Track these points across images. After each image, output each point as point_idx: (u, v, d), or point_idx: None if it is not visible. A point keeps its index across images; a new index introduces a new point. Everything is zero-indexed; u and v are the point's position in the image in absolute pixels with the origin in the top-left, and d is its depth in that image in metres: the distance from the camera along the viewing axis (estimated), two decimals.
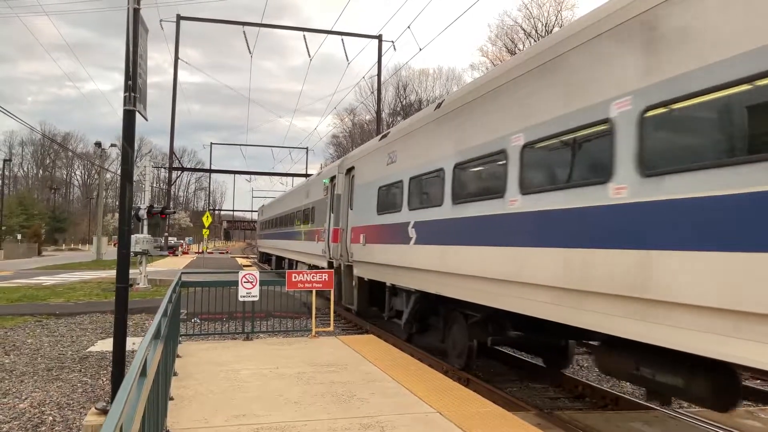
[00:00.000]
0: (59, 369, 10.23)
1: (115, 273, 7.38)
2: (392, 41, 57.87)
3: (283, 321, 14.08)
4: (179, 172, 62.31)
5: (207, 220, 51.47)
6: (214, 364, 8.15)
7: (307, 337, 10.77)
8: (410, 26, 27.13)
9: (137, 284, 21.89)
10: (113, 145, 51.45)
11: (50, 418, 7.78)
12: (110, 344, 8.12)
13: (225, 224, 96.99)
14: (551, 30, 49.03)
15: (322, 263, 16.72)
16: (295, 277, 10.64)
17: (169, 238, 54.05)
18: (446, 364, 9.60)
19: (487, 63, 55.48)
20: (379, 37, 39.71)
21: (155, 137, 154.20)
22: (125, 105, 7.23)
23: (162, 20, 38.34)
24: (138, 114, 7.38)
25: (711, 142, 4.55)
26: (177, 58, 40.58)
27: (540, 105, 6.56)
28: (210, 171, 72.53)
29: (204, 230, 54.77)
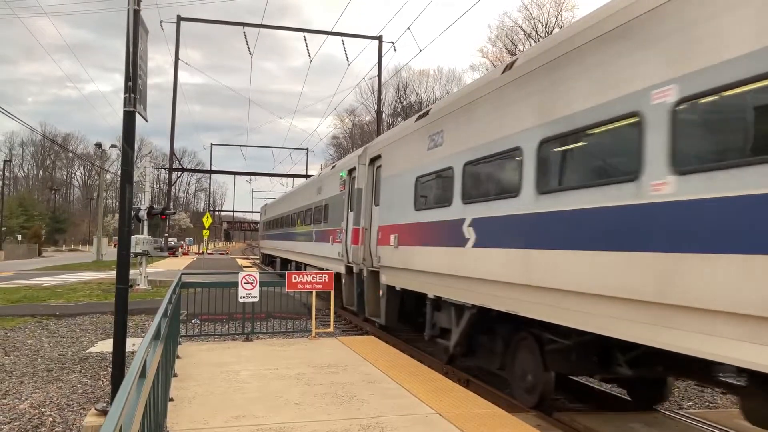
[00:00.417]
0: (59, 370, 10.24)
1: (115, 274, 7.37)
2: (392, 42, 57.90)
3: (283, 322, 14.09)
4: (179, 173, 62.36)
5: (207, 221, 51.49)
6: (214, 365, 8.16)
7: (307, 338, 10.78)
8: (410, 27, 27.11)
9: (137, 285, 21.89)
10: (113, 146, 51.48)
11: (50, 419, 7.78)
12: (110, 345, 8.13)
13: (225, 225, 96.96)
14: (551, 31, 49.05)
15: (339, 268, 14.79)
16: (295, 278, 10.66)
17: (169, 239, 54.08)
18: (446, 366, 9.56)
19: (487, 64, 55.53)
20: (380, 38, 39.75)
21: (155, 138, 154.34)
22: (125, 106, 7.24)
23: (162, 21, 38.41)
24: (138, 115, 7.39)
25: None
26: (177, 59, 40.64)
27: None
28: (210, 172, 72.55)
29: (204, 231, 54.81)
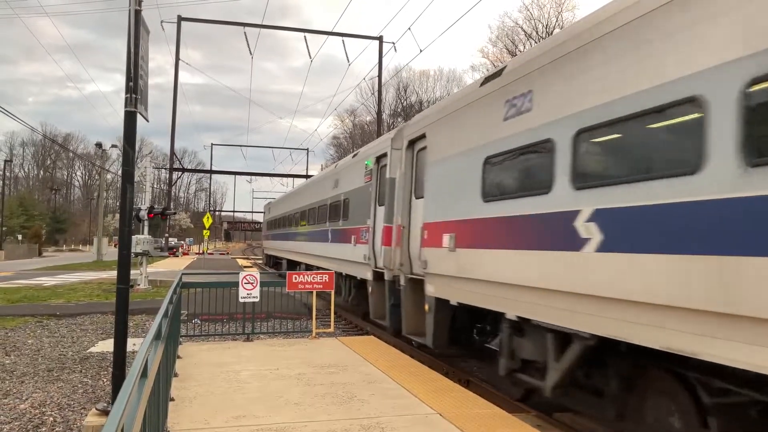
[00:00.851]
0: (60, 370, 10.24)
1: (116, 274, 7.37)
2: (393, 42, 57.94)
3: (284, 322, 14.09)
4: (180, 173, 62.35)
5: (207, 221, 51.49)
6: (215, 365, 8.17)
7: (308, 338, 10.78)
8: (411, 27, 27.09)
9: (138, 285, 21.90)
10: (114, 146, 51.55)
11: (51, 419, 7.79)
12: (111, 345, 8.13)
13: (225, 225, 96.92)
14: (552, 31, 49.05)
15: (364, 273, 12.83)
16: (296, 278, 10.68)
17: (170, 239, 54.12)
18: (447, 366, 9.54)
19: (488, 64, 55.53)
20: (380, 39, 39.75)
21: (156, 138, 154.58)
22: (126, 106, 7.23)
23: (163, 21, 38.37)
24: (139, 115, 7.39)
25: None
26: (178, 59, 40.65)
27: None
28: (210, 172, 72.55)
29: (204, 231, 54.85)
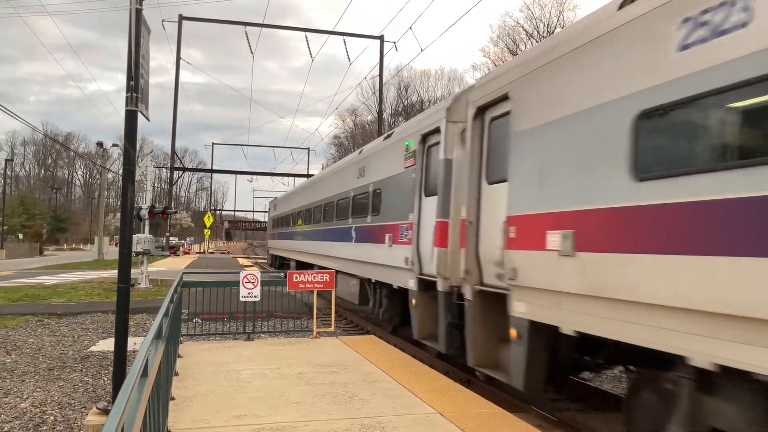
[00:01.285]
0: (60, 369, 10.25)
1: (117, 273, 7.37)
2: (394, 42, 57.76)
3: (284, 321, 14.10)
4: (181, 172, 62.35)
5: (208, 220, 51.54)
6: (215, 365, 8.17)
7: (308, 338, 10.78)
8: (412, 27, 27.09)
9: (139, 284, 21.91)
10: (115, 145, 51.61)
11: (51, 418, 7.79)
12: (111, 344, 8.13)
13: (226, 224, 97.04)
14: (553, 31, 49.01)
15: (403, 281, 10.25)
16: (296, 278, 10.69)
17: (171, 238, 54.12)
18: (447, 365, 9.54)
19: (489, 64, 55.49)
20: (381, 38, 39.73)
21: (157, 137, 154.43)
22: (127, 105, 7.23)
23: (164, 20, 38.34)
24: (140, 114, 7.38)
25: None
26: (179, 59, 40.65)
27: None
28: (211, 171, 72.66)
29: (205, 230, 54.92)
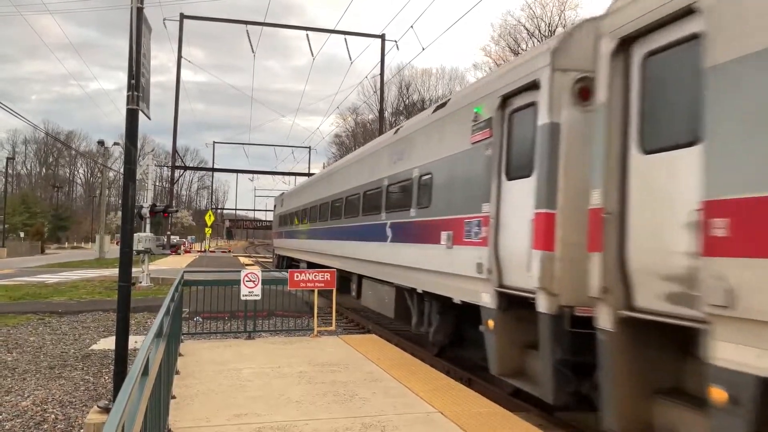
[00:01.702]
0: (62, 367, 10.25)
1: (118, 271, 7.38)
2: (395, 41, 57.85)
3: (285, 320, 14.09)
4: (182, 171, 62.37)
5: (209, 219, 51.56)
6: (216, 363, 8.18)
7: (309, 337, 10.78)
8: (413, 26, 27.10)
9: (140, 283, 21.93)
10: (116, 144, 51.67)
11: (52, 416, 7.79)
12: (112, 342, 8.13)
13: (227, 223, 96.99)
14: (554, 30, 48.92)
15: (472, 294, 7.87)
16: (297, 276, 10.70)
17: (172, 237, 54.15)
18: (448, 364, 9.54)
19: (490, 63, 55.42)
20: (382, 37, 39.74)
21: (158, 136, 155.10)
22: (128, 104, 7.23)
23: (165, 19, 38.42)
24: (141, 113, 7.38)
25: None
26: (180, 57, 40.69)
27: None
28: (213, 170, 72.71)
29: (206, 229, 54.95)
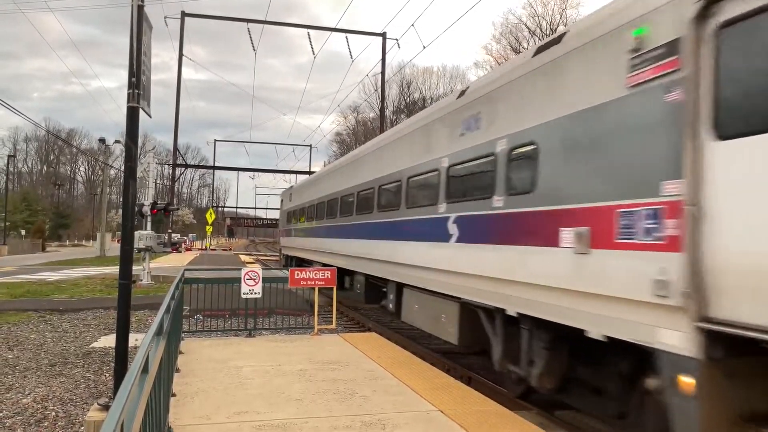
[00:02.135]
0: (62, 365, 10.27)
1: (119, 269, 7.38)
2: (396, 39, 57.84)
3: (286, 318, 14.09)
4: (183, 169, 62.43)
5: (210, 217, 51.53)
6: (217, 361, 8.18)
7: (310, 335, 10.79)
8: (414, 24, 27.10)
9: (140, 281, 21.94)
10: (117, 142, 51.62)
11: (53, 414, 7.80)
12: (113, 340, 8.15)
13: (228, 221, 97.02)
14: (556, 28, 48.87)
15: (638, 327, 4.55)
16: (298, 275, 10.71)
17: (173, 235, 54.17)
18: (448, 362, 9.56)
19: (491, 61, 55.35)
20: (383, 35, 39.73)
21: (160, 134, 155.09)
22: (129, 102, 7.23)
23: (167, 17, 38.40)
24: (142, 111, 7.38)
25: None
26: (181, 55, 40.69)
27: None
28: (214, 168, 72.70)
29: (207, 227, 54.94)
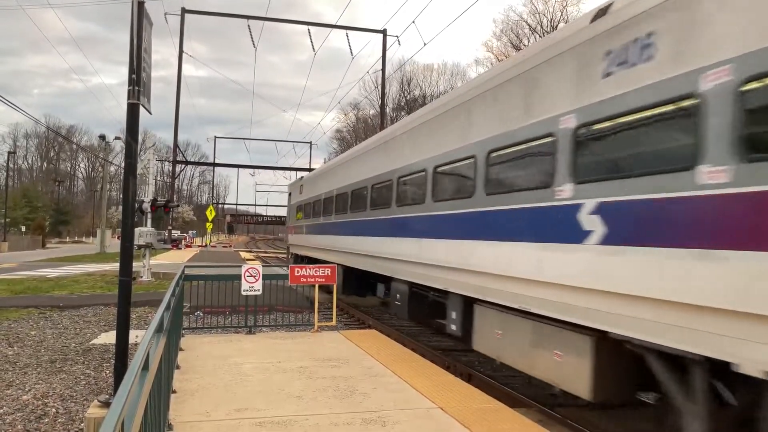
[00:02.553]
0: (62, 361, 10.27)
1: (119, 266, 7.38)
2: (397, 36, 57.65)
3: (286, 315, 14.09)
4: (183, 166, 62.38)
5: (210, 214, 51.55)
6: (217, 358, 8.18)
7: (310, 332, 10.80)
8: (415, 21, 27.06)
9: (141, 277, 21.94)
10: (117, 138, 51.55)
11: (53, 410, 7.81)
12: (113, 337, 8.15)
13: (228, 218, 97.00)
14: (557, 26, 48.77)
15: None
16: (298, 272, 10.70)
17: (173, 232, 54.14)
18: (448, 359, 9.57)
19: (492, 58, 55.29)
20: (384, 32, 39.65)
21: (160, 131, 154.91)
22: (129, 98, 7.21)
23: (167, 13, 38.32)
24: (142, 107, 7.37)
25: None
26: (181, 52, 40.63)
27: None
28: (214, 165, 72.74)
29: (207, 224, 54.95)
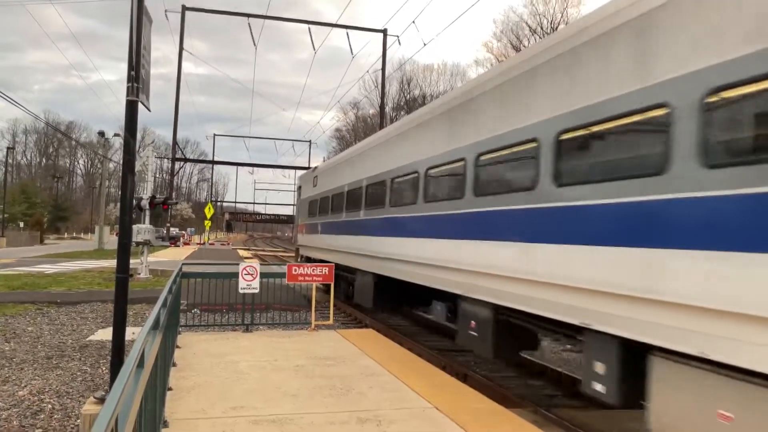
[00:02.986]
0: (59, 357, 10.27)
1: (116, 263, 7.37)
2: (397, 36, 57.67)
3: (283, 314, 14.10)
4: (182, 163, 62.28)
5: (209, 212, 51.54)
6: (213, 356, 8.19)
7: (307, 330, 10.80)
8: (415, 21, 27.05)
9: (138, 274, 21.93)
10: (117, 135, 51.56)
11: (49, 406, 7.81)
12: (110, 333, 8.15)
13: (227, 216, 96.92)
14: (557, 27, 48.80)
15: None
16: (296, 270, 10.70)
17: (171, 229, 54.10)
18: (444, 360, 9.59)
19: (492, 59, 55.30)
20: (384, 32, 39.62)
21: (160, 128, 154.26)
22: (128, 95, 7.20)
23: (167, 11, 38.26)
24: (141, 104, 7.36)
25: None
26: (181, 49, 40.59)
27: None
28: (213, 162, 72.65)
29: (206, 221, 54.95)
